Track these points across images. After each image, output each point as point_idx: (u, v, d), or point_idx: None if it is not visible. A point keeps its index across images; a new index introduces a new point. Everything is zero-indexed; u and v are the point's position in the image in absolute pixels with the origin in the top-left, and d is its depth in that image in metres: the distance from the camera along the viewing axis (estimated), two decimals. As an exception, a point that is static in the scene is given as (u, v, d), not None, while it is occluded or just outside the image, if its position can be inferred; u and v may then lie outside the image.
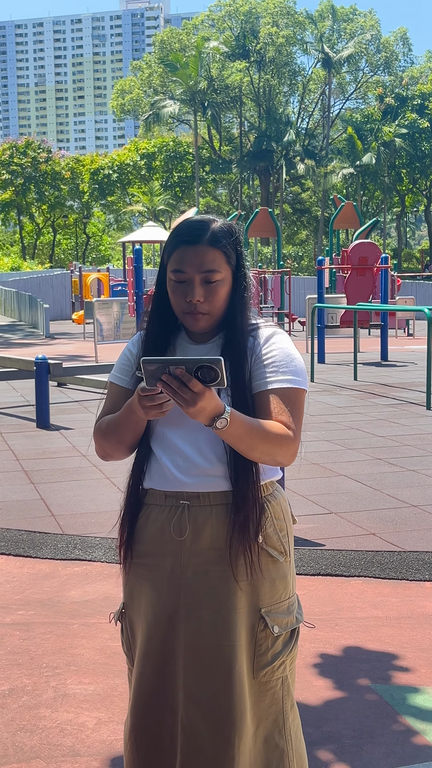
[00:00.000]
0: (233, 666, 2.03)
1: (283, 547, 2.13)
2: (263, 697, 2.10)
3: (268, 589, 2.10)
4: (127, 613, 2.21)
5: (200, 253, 2.06)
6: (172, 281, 2.09)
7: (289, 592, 2.16)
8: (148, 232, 35.36)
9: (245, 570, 2.05)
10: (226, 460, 2.06)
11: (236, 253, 2.11)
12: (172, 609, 2.07)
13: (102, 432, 2.15)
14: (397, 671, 3.70)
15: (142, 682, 2.10)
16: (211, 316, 2.09)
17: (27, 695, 3.50)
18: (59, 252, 69.25)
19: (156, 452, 2.13)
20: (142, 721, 2.10)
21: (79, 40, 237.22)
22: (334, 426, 9.42)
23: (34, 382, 9.99)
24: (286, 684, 2.15)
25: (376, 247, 18.47)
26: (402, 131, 55.70)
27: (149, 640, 2.10)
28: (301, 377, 2.10)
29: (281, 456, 2.01)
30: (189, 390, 1.80)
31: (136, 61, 69.05)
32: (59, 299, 34.99)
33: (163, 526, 2.10)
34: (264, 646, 2.08)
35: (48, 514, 6.08)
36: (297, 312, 30.12)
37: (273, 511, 2.13)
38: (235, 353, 2.09)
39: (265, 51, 60.19)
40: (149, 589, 2.12)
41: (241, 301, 2.13)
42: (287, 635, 2.14)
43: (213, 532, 2.06)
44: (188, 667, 2.05)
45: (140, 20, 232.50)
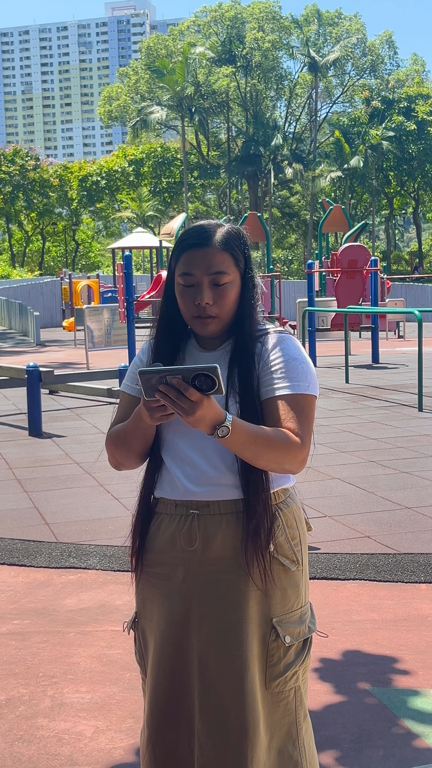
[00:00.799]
0: (245, 677, 2.01)
1: (295, 556, 2.11)
2: (276, 708, 2.08)
3: (279, 599, 2.07)
4: (140, 622, 2.19)
5: (208, 256, 2.04)
6: (180, 285, 2.08)
7: (302, 601, 2.14)
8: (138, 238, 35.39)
9: (258, 579, 2.03)
10: (235, 468, 2.04)
11: (244, 257, 2.10)
12: (184, 618, 2.06)
13: (113, 440, 2.13)
14: (395, 674, 3.69)
15: (156, 692, 2.08)
16: (220, 319, 2.07)
17: (24, 705, 3.49)
18: (49, 259, 69.15)
19: (166, 461, 2.11)
20: (159, 731, 2.08)
21: (66, 47, 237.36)
22: (327, 429, 9.43)
23: (25, 390, 9.97)
24: (299, 694, 2.12)
25: (366, 249, 18.52)
26: (389, 134, 55.85)
27: (162, 650, 2.08)
28: (309, 382, 2.07)
29: (288, 464, 1.98)
30: (187, 399, 1.79)
31: (122, 68, 69.07)
32: (49, 306, 34.95)
33: (173, 535, 2.09)
34: (276, 657, 2.06)
35: (42, 523, 6.06)
36: (287, 316, 30.16)
37: (285, 519, 2.10)
38: (243, 360, 2.07)
39: (252, 56, 60.31)
40: (161, 597, 2.10)
41: (250, 304, 2.11)
42: (300, 645, 2.11)
43: (223, 541, 2.04)
44: (201, 678, 2.03)
45: (126, 27, 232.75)
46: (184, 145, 58.97)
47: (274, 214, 63.34)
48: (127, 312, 15.04)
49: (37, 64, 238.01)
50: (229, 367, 2.08)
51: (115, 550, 5.39)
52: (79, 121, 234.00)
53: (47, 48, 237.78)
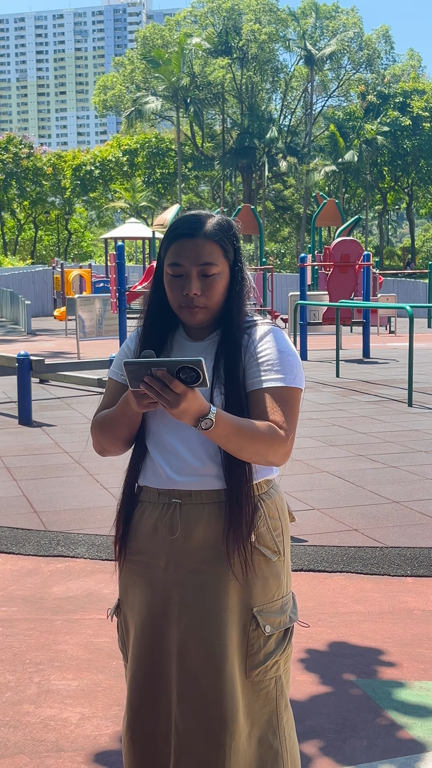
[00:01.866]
0: (224, 665, 2.02)
1: (276, 546, 2.12)
2: (256, 697, 2.09)
3: (260, 588, 2.09)
4: (122, 609, 2.21)
5: (198, 246, 2.05)
6: (169, 275, 2.09)
7: (283, 591, 2.15)
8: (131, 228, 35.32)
9: (239, 569, 2.05)
10: (218, 459, 2.05)
11: (234, 248, 2.11)
12: (165, 607, 2.07)
13: (99, 427, 2.15)
14: (380, 666, 3.72)
15: (136, 679, 2.10)
16: (207, 310, 2.08)
17: (10, 691, 3.50)
18: (41, 248, 68.95)
19: (150, 450, 2.13)
20: (138, 718, 2.10)
21: (61, 35, 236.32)
22: (317, 423, 9.45)
23: (15, 378, 9.96)
24: (279, 684, 2.13)
25: (358, 244, 18.53)
26: (384, 129, 55.86)
27: (142, 638, 2.10)
28: (295, 375, 2.08)
29: (272, 456, 1.99)
30: (171, 391, 1.80)
31: (118, 57, 68.83)
32: (41, 296, 34.85)
33: (155, 523, 2.10)
34: (256, 646, 2.07)
35: (30, 511, 6.07)
36: (279, 309, 30.19)
37: (267, 510, 2.11)
38: (230, 351, 2.08)
39: (248, 48, 60.18)
40: (143, 585, 2.12)
41: (238, 296, 2.12)
42: (280, 635, 2.12)
43: (205, 531, 2.06)
44: (180, 666, 2.04)
45: (122, 16, 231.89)
46: (178, 136, 58.85)
47: (267, 207, 63.31)
48: (119, 302, 15.03)
49: (32, 51, 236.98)
50: (215, 358, 2.09)
51: (103, 540, 5.40)
52: (73, 109, 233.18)
53: (43, 36, 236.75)
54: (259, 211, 54.54)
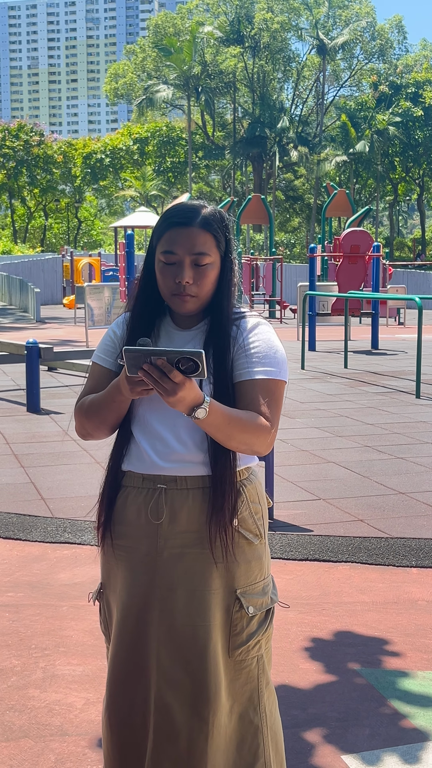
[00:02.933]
0: (208, 645, 2.07)
1: (258, 529, 2.17)
2: (238, 675, 2.14)
3: (243, 571, 2.13)
4: (105, 593, 2.24)
5: (192, 236, 2.08)
6: (161, 263, 2.11)
7: (264, 573, 2.20)
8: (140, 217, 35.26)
9: (221, 552, 2.09)
10: (204, 446, 2.09)
11: (225, 239, 2.14)
12: (147, 590, 2.10)
13: (84, 411, 2.17)
14: (383, 655, 3.74)
15: (115, 661, 2.14)
16: (198, 299, 2.11)
17: (16, 676, 3.53)
18: (50, 236, 68.96)
19: (136, 436, 2.15)
20: (116, 699, 2.14)
21: (73, 22, 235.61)
22: (324, 413, 9.46)
23: (24, 366, 9.98)
24: (261, 663, 2.18)
25: (369, 235, 18.49)
26: (396, 119, 55.61)
27: (124, 621, 2.13)
28: (282, 369, 2.13)
29: (258, 446, 2.05)
30: (169, 380, 1.83)
31: (129, 45, 68.65)
32: (50, 283, 34.88)
33: (139, 508, 2.13)
34: (239, 626, 2.12)
35: (38, 498, 6.10)
36: (288, 299, 30.14)
37: (248, 494, 2.16)
38: (219, 341, 2.11)
39: (260, 37, 59.93)
40: (125, 570, 2.15)
41: (228, 287, 2.15)
42: (262, 615, 2.17)
43: (189, 515, 2.09)
44: (162, 647, 2.08)
45: (134, 4, 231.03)
46: (189, 124, 58.70)
47: (277, 196, 63.16)
48: (128, 291, 15.04)
49: (44, 39, 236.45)
50: (204, 348, 2.12)
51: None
52: (84, 97, 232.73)
53: (54, 23, 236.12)
54: (269, 201, 54.43)
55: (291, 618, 4.09)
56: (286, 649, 3.77)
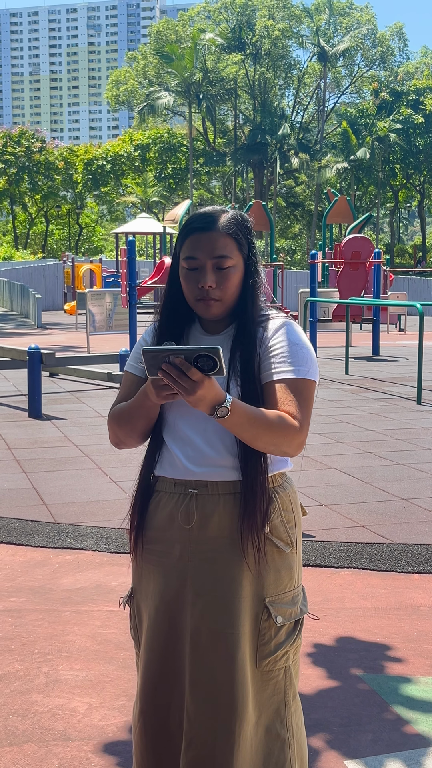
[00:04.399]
0: (236, 654, 2.05)
1: (289, 538, 2.14)
2: (265, 686, 2.11)
3: (273, 579, 2.11)
4: (135, 597, 2.23)
5: (212, 240, 2.08)
6: (184, 269, 2.11)
7: (295, 583, 2.17)
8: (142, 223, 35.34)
9: (252, 559, 2.07)
10: (235, 450, 2.07)
11: (247, 242, 2.14)
12: (179, 595, 2.09)
13: (116, 418, 2.17)
14: (385, 661, 3.74)
15: (149, 666, 2.12)
16: (223, 302, 2.11)
17: (19, 680, 3.54)
18: (52, 242, 69.04)
19: (167, 441, 2.15)
20: (150, 705, 2.12)
21: (75, 29, 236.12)
22: (326, 419, 9.47)
23: (26, 371, 10.00)
24: (288, 674, 2.16)
25: (369, 241, 18.52)
26: (396, 126, 55.69)
27: (156, 626, 2.12)
28: (310, 368, 2.11)
29: (286, 446, 2.02)
30: (188, 378, 1.82)
31: (131, 52, 68.78)
32: (51, 289, 34.93)
33: (171, 513, 2.12)
34: (267, 636, 2.09)
35: (40, 503, 6.10)
36: (289, 306, 30.16)
37: (281, 502, 2.14)
38: (245, 343, 2.10)
39: (261, 44, 60.06)
40: (157, 574, 2.14)
41: (252, 289, 2.15)
42: (291, 626, 2.14)
43: (220, 521, 2.08)
44: (192, 654, 2.07)
45: (136, 11, 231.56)
46: (190, 131, 58.81)
47: (278, 203, 63.24)
48: (129, 297, 15.05)
49: (45, 45, 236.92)
50: (231, 351, 2.11)
51: (111, 532, 5.44)
52: (86, 104, 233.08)
53: (56, 30, 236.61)
54: (270, 208, 54.49)
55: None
56: (288, 654, 3.77)
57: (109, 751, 3.01)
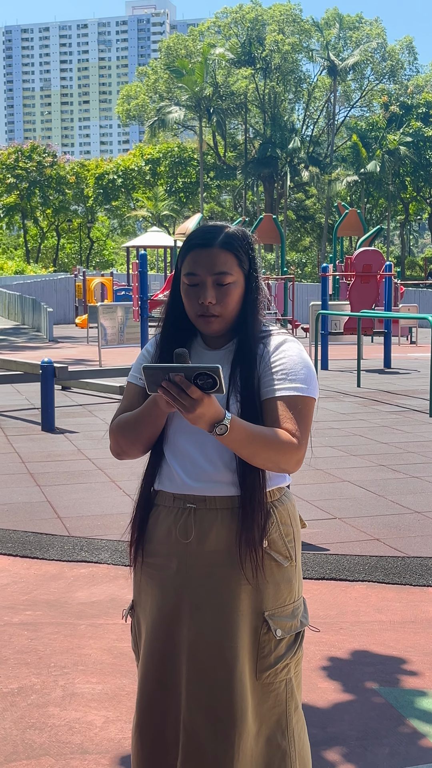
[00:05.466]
0: (235, 667, 2.06)
1: (288, 552, 2.16)
2: (266, 698, 2.12)
3: (272, 593, 2.12)
4: (136, 610, 2.25)
5: (212, 256, 2.10)
6: (185, 285, 2.13)
7: (294, 596, 2.18)
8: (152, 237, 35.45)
9: (251, 573, 2.08)
10: (233, 466, 2.09)
11: (249, 258, 2.15)
12: (177, 609, 2.11)
13: (120, 428, 2.17)
14: (402, 675, 3.74)
15: (146, 679, 2.14)
16: (223, 318, 2.12)
17: (36, 694, 3.55)
18: (63, 256, 69.33)
19: (167, 456, 2.17)
20: (146, 717, 2.14)
21: (85, 45, 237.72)
22: (338, 432, 9.46)
23: (39, 385, 10.03)
24: (290, 686, 2.16)
25: (380, 254, 18.54)
26: (406, 139, 55.80)
27: (153, 639, 2.14)
28: (309, 385, 2.12)
29: (285, 463, 2.03)
30: (188, 396, 1.84)
31: (141, 67, 69.20)
32: (63, 303, 35.05)
33: (170, 527, 2.14)
34: (267, 649, 2.10)
35: (54, 516, 6.12)
36: (300, 318, 30.17)
37: (279, 516, 2.15)
38: (245, 360, 2.11)
39: (271, 58, 60.35)
40: (155, 588, 2.16)
41: (253, 305, 2.16)
42: (291, 639, 2.15)
43: (218, 536, 2.09)
44: (190, 667, 2.08)
45: (146, 26, 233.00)
46: (201, 145, 59.05)
47: (289, 216, 63.36)
48: (141, 310, 15.11)
49: (56, 61, 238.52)
50: (231, 367, 2.13)
51: (126, 546, 5.42)
52: (96, 119, 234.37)
53: (67, 45, 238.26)
54: (280, 221, 54.58)
55: (308, 637, 4.09)
56: (304, 668, 3.77)
57: (126, 764, 3.01)
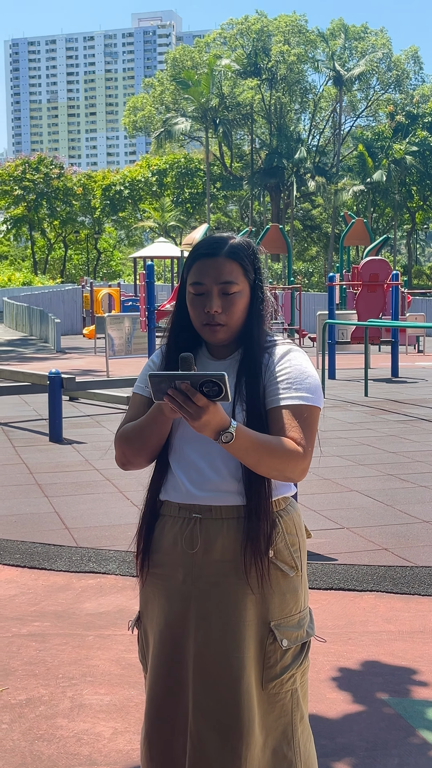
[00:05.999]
0: (241, 677, 2.06)
1: (294, 562, 2.15)
2: (272, 708, 2.12)
3: (278, 603, 2.12)
4: (142, 621, 2.25)
5: (218, 265, 2.11)
6: (191, 294, 2.14)
7: (300, 606, 2.18)
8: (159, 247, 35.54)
9: (255, 583, 2.08)
10: (239, 475, 2.09)
11: (254, 268, 2.16)
12: (183, 619, 2.11)
13: (125, 436, 2.16)
14: (411, 685, 3.72)
15: (153, 689, 2.14)
16: (228, 328, 2.13)
17: (44, 705, 3.54)
18: (70, 267, 69.52)
19: (172, 465, 2.17)
20: (155, 727, 2.14)
21: (92, 57, 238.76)
22: (345, 442, 9.45)
23: (46, 396, 10.05)
24: (296, 697, 2.16)
25: (387, 263, 18.54)
26: (412, 149, 55.84)
27: (160, 649, 2.13)
28: (314, 394, 2.12)
29: (290, 472, 2.03)
30: (193, 404, 1.84)
31: (148, 79, 69.45)
32: (70, 314, 35.14)
33: (175, 537, 2.14)
34: (273, 659, 2.10)
35: (62, 527, 6.12)
36: (307, 328, 30.17)
37: (285, 526, 2.15)
38: (251, 369, 2.12)
39: (277, 69, 60.51)
40: (162, 598, 2.16)
41: (259, 315, 2.16)
42: (297, 649, 2.15)
43: (224, 545, 2.09)
44: (196, 678, 2.08)
45: (152, 38, 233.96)
46: (207, 156, 59.20)
47: (295, 226, 63.43)
48: (148, 321, 15.13)
49: (63, 73, 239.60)
50: (237, 376, 2.13)
51: (133, 556, 5.43)
52: (103, 130, 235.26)
53: (73, 57, 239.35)
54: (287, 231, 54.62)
55: (317, 647, 4.08)
56: (313, 678, 3.76)
57: (134, 775, 3.00)
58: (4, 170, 59.41)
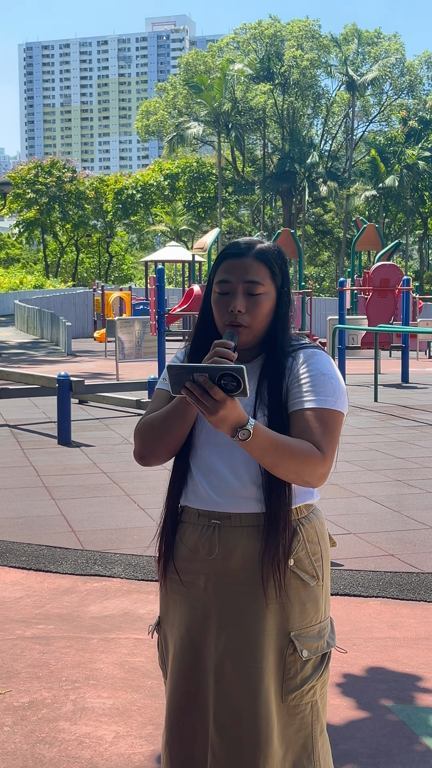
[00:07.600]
0: (260, 688, 2.02)
1: (315, 571, 2.11)
2: (292, 721, 2.08)
3: (298, 613, 2.08)
4: (162, 627, 2.22)
5: (246, 264, 2.10)
6: (216, 294, 2.12)
7: (321, 616, 2.14)
8: (171, 251, 35.58)
9: (274, 592, 2.04)
10: (259, 481, 2.05)
11: (282, 272, 2.14)
12: (204, 626, 2.08)
13: (147, 427, 2.11)
14: (415, 692, 3.70)
15: (174, 697, 2.11)
16: (251, 330, 2.09)
17: (46, 708, 3.54)
18: (82, 270, 69.66)
19: (192, 469, 2.13)
20: (175, 736, 2.11)
21: (105, 61, 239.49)
22: (354, 447, 9.42)
23: (55, 399, 10.06)
24: (315, 709, 2.12)
25: (398, 269, 18.51)
26: (425, 154, 55.78)
27: (181, 656, 2.11)
28: (337, 398, 2.08)
29: (308, 475, 1.97)
30: (211, 398, 1.80)
31: (161, 83, 69.61)
32: (81, 317, 35.21)
33: (195, 544, 2.11)
34: (293, 670, 2.06)
35: (68, 530, 6.12)
36: (318, 333, 30.13)
37: (306, 534, 2.11)
38: (273, 372, 2.09)
39: (290, 74, 60.54)
40: (183, 605, 2.13)
41: (284, 320, 2.14)
42: (317, 660, 2.11)
43: (244, 553, 2.06)
44: (216, 688, 2.05)
45: (166, 42, 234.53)
46: (219, 160, 59.27)
47: (307, 231, 63.41)
48: (158, 325, 15.13)
49: (76, 77, 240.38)
50: (259, 380, 2.10)
51: (139, 560, 5.43)
52: (116, 134, 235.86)
53: (87, 62, 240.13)
54: (298, 235, 54.64)
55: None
56: (316, 684, 3.74)
57: (135, 780, 2.99)
58: (17, 173, 59.63)
